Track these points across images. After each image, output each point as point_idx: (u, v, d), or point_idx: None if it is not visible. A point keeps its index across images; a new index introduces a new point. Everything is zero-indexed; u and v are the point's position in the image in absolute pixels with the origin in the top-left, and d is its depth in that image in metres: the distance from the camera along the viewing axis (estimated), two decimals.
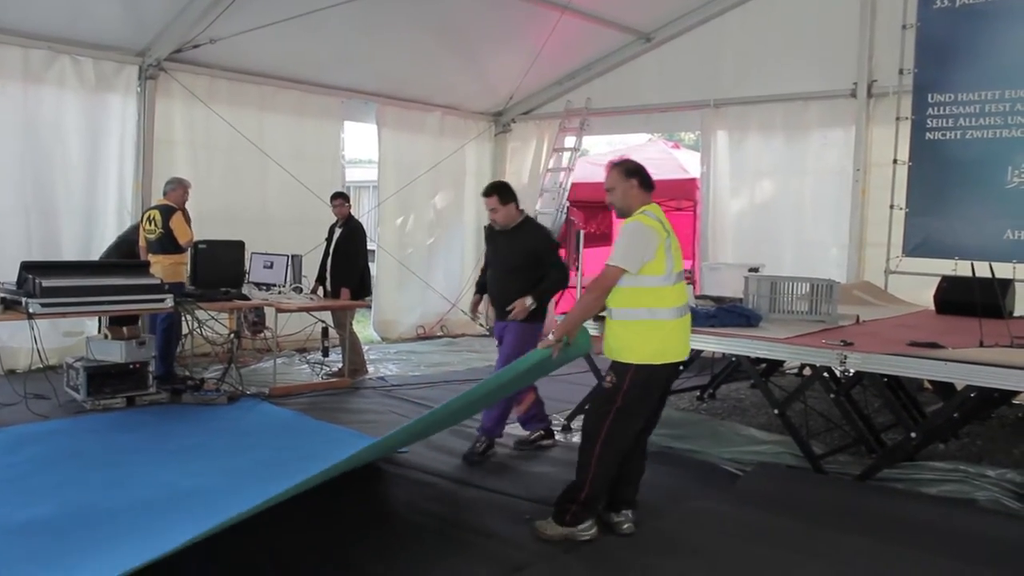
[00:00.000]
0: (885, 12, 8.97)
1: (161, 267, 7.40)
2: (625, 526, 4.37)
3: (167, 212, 7.60)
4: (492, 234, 5.86)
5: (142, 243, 7.76)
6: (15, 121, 8.09)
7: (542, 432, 6.11)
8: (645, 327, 4.13)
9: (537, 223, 5.97)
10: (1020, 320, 7.07)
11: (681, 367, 4.56)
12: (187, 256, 7.77)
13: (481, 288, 6.01)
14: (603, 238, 14.49)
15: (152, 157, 8.88)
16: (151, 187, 8.63)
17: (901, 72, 8.74)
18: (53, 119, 8.33)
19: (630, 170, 4.28)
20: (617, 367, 4.18)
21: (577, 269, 10.93)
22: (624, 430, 4.19)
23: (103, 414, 6.64)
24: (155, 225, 7.60)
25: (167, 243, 7.57)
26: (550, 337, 4.28)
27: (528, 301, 5.48)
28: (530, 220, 5.89)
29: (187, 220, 7.71)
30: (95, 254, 8.24)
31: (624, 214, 4.26)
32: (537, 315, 5.69)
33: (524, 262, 5.59)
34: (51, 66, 8.23)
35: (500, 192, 5.69)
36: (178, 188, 7.74)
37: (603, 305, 4.25)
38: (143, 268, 7.09)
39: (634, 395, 4.15)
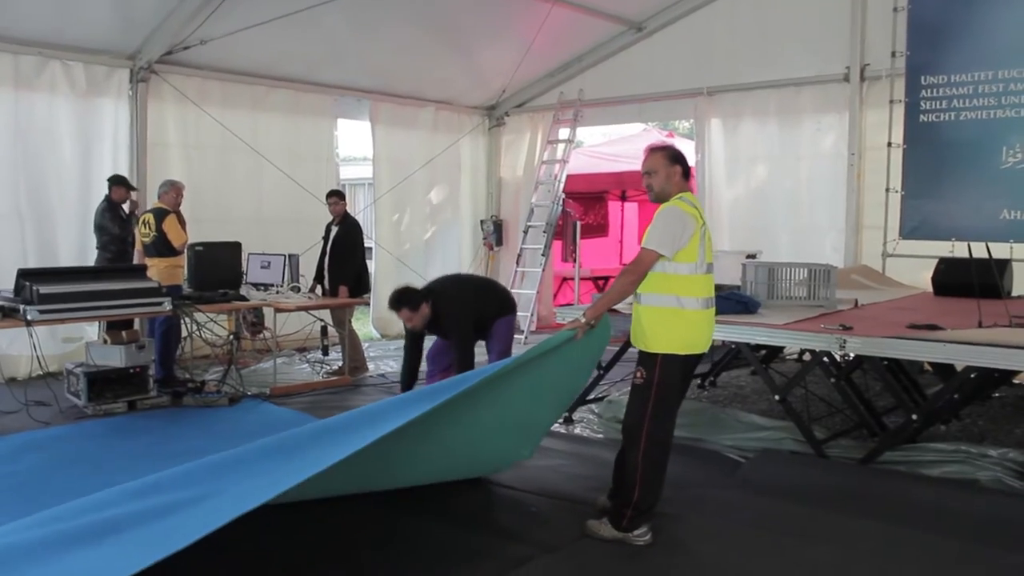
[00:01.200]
0: None
1: (157, 270, 7.41)
2: (646, 537, 4.23)
3: (160, 215, 7.61)
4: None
5: (138, 246, 7.77)
6: (7, 128, 8.06)
7: None
8: (673, 315, 4.07)
9: (444, 306, 5.89)
10: (1018, 300, 7.09)
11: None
12: (183, 259, 7.77)
13: (406, 387, 5.98)
14: (599, 229, 14.52)
15: (146, 160, 8.87)
16: (146, 190, 8.61)
17: (893, 55, 8.73)
18: (45, 125, 8.30)
19: (675, 156, 4.22)
20: (645, 359, 4.13)
21: (575, 261, 10.93)
22: (663, 423, 4.13)
23: (105, 419, 6.63)
24: (149, 228, 7.61)
25: (161, 246, 7.59)
26: (580, 318, 4.19)
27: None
28: (438, 304, 5.86)
29: (181, 222, 7.71)
30: (91, 259, 8.23)
31: (661, 199, 4.18)
32: (498, 313, 5.85)
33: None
34: (42, 72, 8.20)
35: (406, 302, 5.80)
36: (171, 191, 7.76)
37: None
38: (140, 272, 7.08)
39: (667, 385, 4.09)
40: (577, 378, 5.11)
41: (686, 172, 4.24)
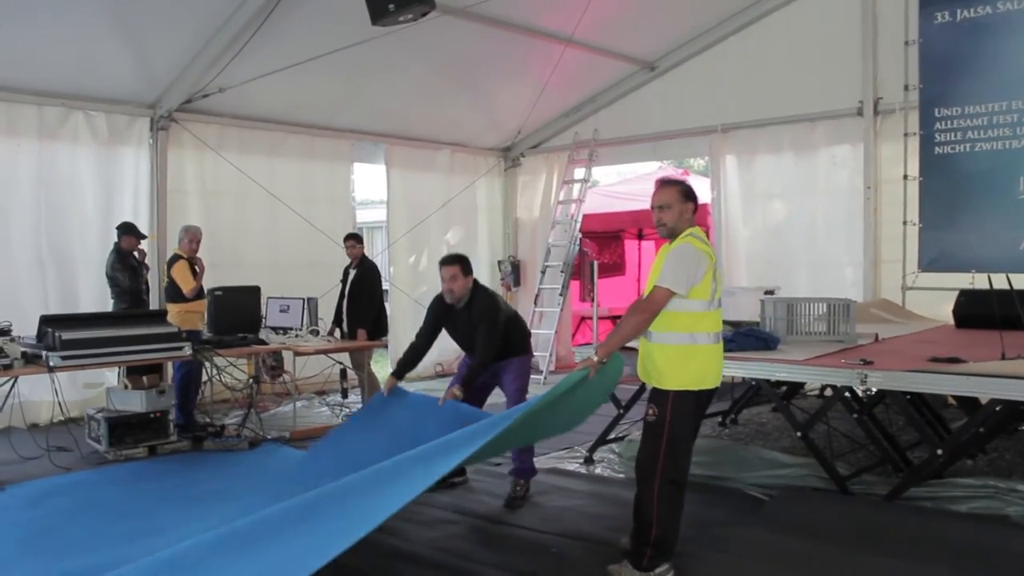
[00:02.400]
0: (887, 29, 9.02)
1: (172, 316, 7.47)
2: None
3: (171, 262, 7.76)
4: (445, 311, 5.68)
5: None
6: (31, 177, 8.21)
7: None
8: (685, 352, 4.07)
9: (483, 291, 5.69)
10: None
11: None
12: (202, 304, 7.82)
13: (401, 371, 5.73)
14: (616, 268, 14.51)
15: (166, 207, 8.99)
16: (166, 237, 8.73)
17: (906, 88, 8.76)
18: (68, 174, 8.45)
19: (688, 192, 4.22)
20: (657, 396, 4.12)
21: (593, 300, 10.92)
22: (677, 461, 4.10)
23: (126, 464, 6.65)
24: (163, 275, 7.72)
25: (173, 292, 7.70)
26: (593, 357, 4.16)
27: (458, 393, 5.30)
28: (478, 289, 5.66)
29: (197, 268, 7.78)
30: (111, 306, 8.29)
31: (673, 235, 4.19)
32: (516, 350, 5.62)
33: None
34: (65, 122, 8.37)
35: (460, 262, 5.58)
36: (184, 237, 7.87)
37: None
38: (161, 317, 7.13)
39: (679, 423, 4.07)
40: (586, 410, 5.10)
41: (696, 209, 4.26)
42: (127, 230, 8.11)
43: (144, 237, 8.35)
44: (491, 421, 4.44)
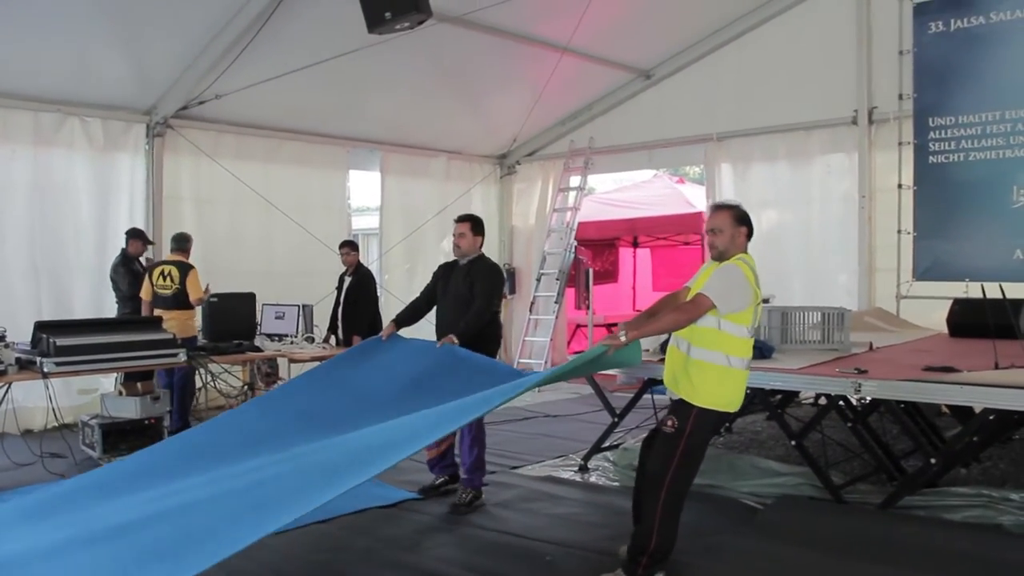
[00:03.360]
0: (881, 39, 9.06)
1: (178, 322, 7.52)
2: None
3: (185, 269, 7.77)
4: (446, 270, 5.81)
5: (147, 297, 7.81)
6: (26, 183, 8.21)
7: (447, 478, 5.88)
8: (722, 373, 4.10)
9: (490, 260, 5.84)
10: None
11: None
12: (197, 311, 7.85)
13: (400, 321, 5.74)
14: (608, 275, 14.54)
15: (162, 214, 8.98)
16: (161, 243, 8.71)
17: (901, 97, 8.79)
18: (63, 180, 8.45)
19: (741, 217, 4.27)
20: (680, 409, 4.12)
21: (588, 307, 10.93)
22: (687, 475, 4.14)
23: None
24: (172, 281, 7.72)
25: (183, 299, 7.71)
26: (621, 336, 4.12)
27: (454, 339, 5.30)
28: (485, 256, 5.81)
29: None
30: (107, 312, 8.30)
31: (723, 258, 4.21)
32: (484, 354, 5.51)
33: (471, 294, 5.56)
34: (60, 128, 8.36)
35: (474, 221, 5.75)
36: (189, 244, 7.94)
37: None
38: (156, 323, 7.12)
39: (697, 439, 4.11)
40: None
41: (751, 232, 4.29)
42: (135, 235, 8.15)
43: (152, 243, 8.37)
44: (501, 389, 4.37)
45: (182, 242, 8.02)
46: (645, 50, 10.65)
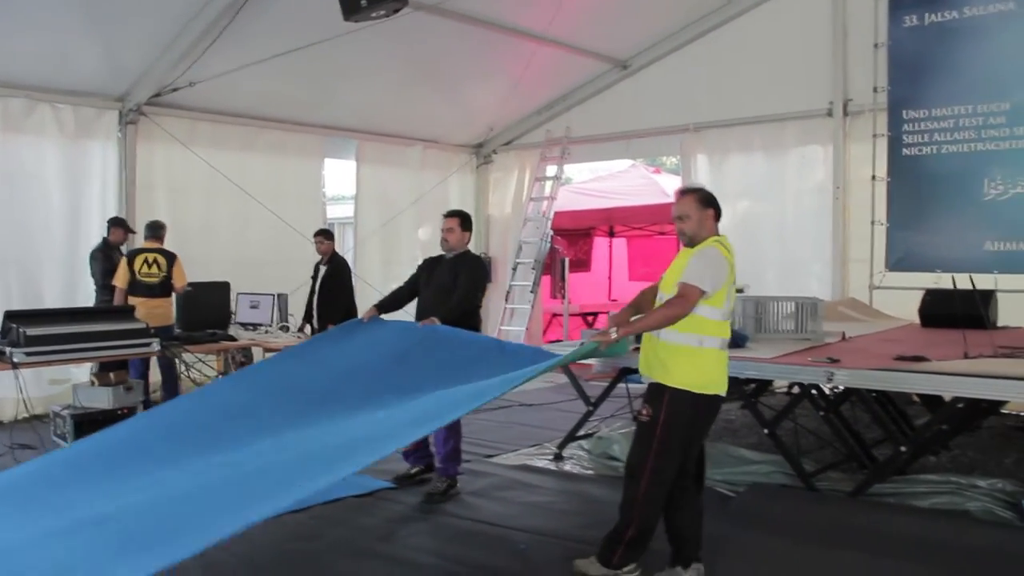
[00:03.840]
0: (856, 31, 9.11)
1: (163, 310, 7.61)
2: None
3: (171, 257, 7.79)
4: (432, 263, 5.84)
5: (123, 284, 7.73)
6: None
7: (422, 468, 5.91)
8: (693, 354, 4.00)
9: (477, 255, 5.89)
10: (1003, 330, 7.13)
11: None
12: (172, 299, 7.86)
13: (382, 307, 5.73)
14: (581, 264, 14.58)
15: (134, 202, 8.89)
16: (134, 232, 8.62)
17: (875, 90, 8.84)
18: (34, 168, 8.33)
19: (707, 199, 4.16)
20: (653, 394, 4.05)
21: (563, 296, 10.96)
22: (668, 463, 4.01)
23: None
24: (159, 269, 7.72)
25: (168, 287, 7.76)
26: (612, 334, 4.03)
27: (436, 321, 5.29)
28: (471, 252, 5.86)
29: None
30: (78, 301, 8.22)
31: (694, 244, 4.10)
32: None
33: (455, 285, 5.57)
34: (30, 114, 8.23)
35: (463, 217, 5.78)
36: (164, 232, 7.93)
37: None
38: (128, 313, 7.06)
39: (673, 423, 3.98)
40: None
41: (719, 214, 4.18)
42: (117, 223, 8.11)
43: (133, 232, 8.29)
44: (494, 382, 4.31)
45: (157, 230, 7.96)
46: (622, 40, 10.65)
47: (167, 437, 4.38)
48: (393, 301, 5.85)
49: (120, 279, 7.73)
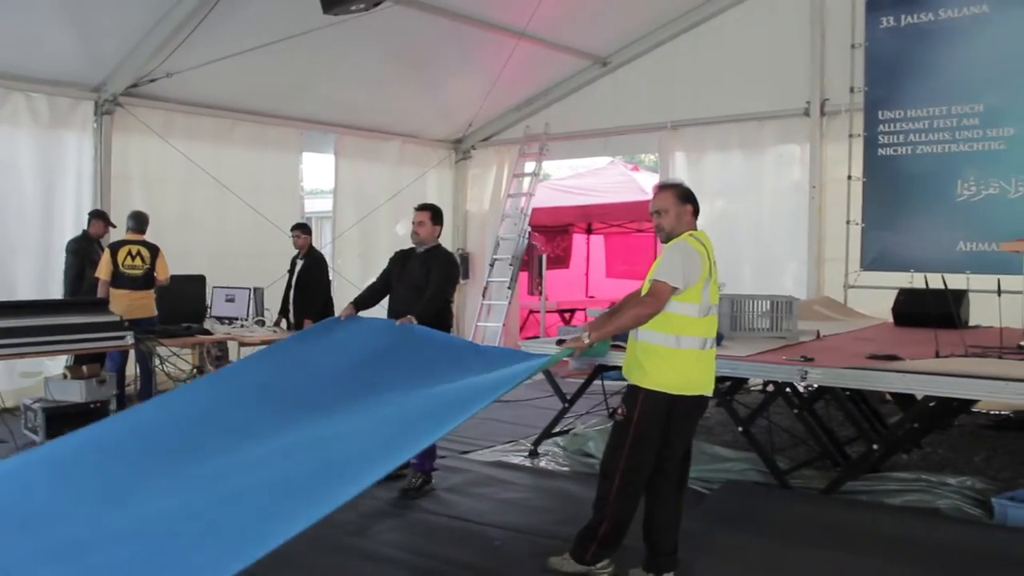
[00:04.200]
0: (834, 32, 9.18)
1: (147, 302, 7.60)
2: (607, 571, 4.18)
3: (155, 250, 7.74)
4: (403, 257, 5.81)
5: (105, 276, 7.65)
6: None
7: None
8: (669, 354, 3.96)
9: (448, 251, 5.89)
10: (974, 330, 7.21)
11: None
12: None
13: (358, 303, 5.68)
14: (559, 261, 14.61)
15: (110, 193, 8.80)
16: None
17: (852, 90, 8.92)
18: (7, 157, 8.23)
19: (685, 194, 4.14)
20: (629, 395, 4.04)
21: (541, 293, 10.96)
22: (641, 462, 4.01)
23: None
24: (143, 261, 7.66)
25: (152, 279, 7.71)
26: (584, 339, 4.03)
27: (412, 319, 5.25)
28: (442, 246, 5.83)
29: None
30: (52, 293, 8.13)
31: (671, 238, 4.09)
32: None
33: (427, 281, 5.55)
34: (3, 104, 8.14)
35: (434, 210, 5.75)
36: (146, 224, 7.88)
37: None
38: (101, 305, 7.00)
39: (647, 422, 3.97)
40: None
41: (697, 209, 4.16)
42: (97, 215, 8.07)
43: (114, 225, 8.21)
44: (467, 394, 4.29)
45: (141, 222, 7.87)
46: (601, 37, 10.67)
47: (141, 448, 4.29)
48: (369, 297, 5.83)
49: (103, 271, 7.66)
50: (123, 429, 4.62)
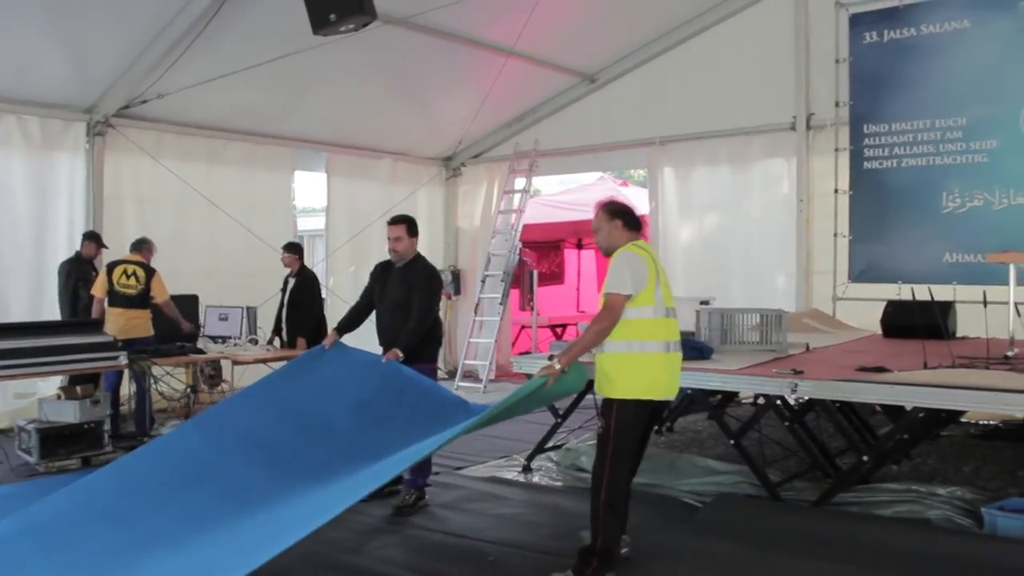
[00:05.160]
0: (819, 47, 9.27)
1: (142, 320, 7.66)
2: (623, 550, 4.38)
3: (150, 271, 7.81)
4: (382, 271, 5.80)
5: (100, 294, 7.68)
6: None
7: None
8: (635, 360, 4.12)
9: (425, 260, 5.84)
10: (962, 340, 7.27)
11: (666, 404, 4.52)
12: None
13: (342, 328, 5.73)
14: (554, 277, 14.66)
15: (102, 214, 8.83)
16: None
17: (837, 104, 9.01)
18: None
19: (613, 210, 4.34)
20: (605, 407, 4.18)
21: (532, 308, 11.01)
22: (621, 472, 4.17)
23: (58, 476, 6.49)
24: (137, 281, 7.72)
25: (147, 299, 7.76)
26: (555, 365, 4.18)
27: (399, 353, 5.31)
28: (421, 258, 5.81)
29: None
30: (45, 314, 8.15)
31: (610, 253, 4.28)
32: (425, 354, 5.58)
33: (409, 299, 5.55)
34: None
35: (409, 222, 5.74)
36: (149, 249, 8.02)
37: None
38: (95, 325, 7.02)
39: (623, 433, 4.13)
40: (530, 409, 5.19)
41: (630, 222, 4.32)
42: (91, 237, 8.13)
43: (106, 247, 8.23)
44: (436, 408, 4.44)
45: (140, 245, 8.00)
46: (590, 54, 10.75)
47: (134, 500, 4.35)
48: (352, 320, 5.81)
49: (98, 288, 7.69)
50: (113, 487, 4.66)
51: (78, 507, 4.41)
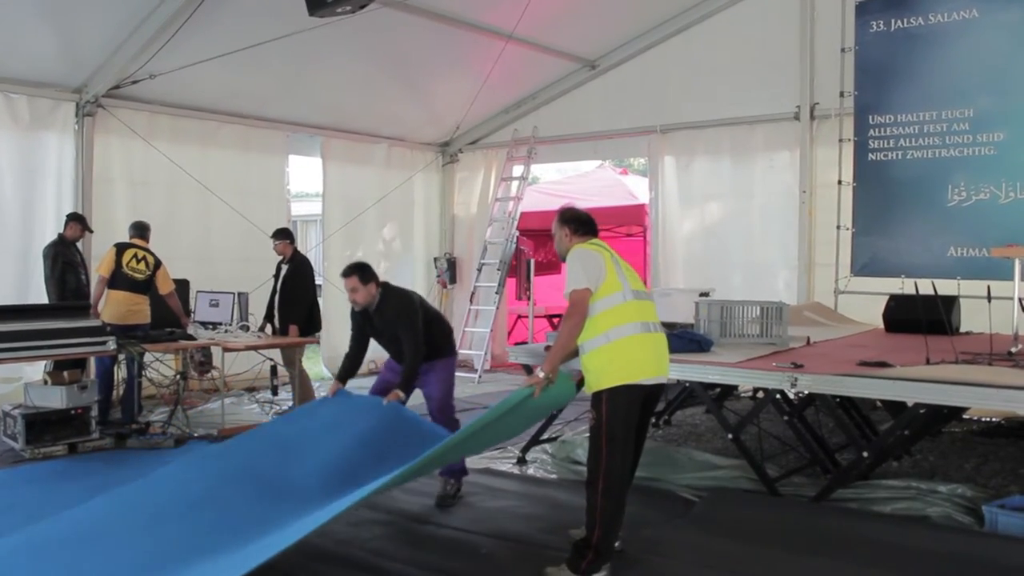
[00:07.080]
0: (824, 36, 9.15)
1: (144, 306, 7.63)
2: (616, 544, 4.31)
3: (159, 262, 7.78)
4: (363, 315, 5.53)
5: (106, 273, 7.57)
6: None
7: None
8: (615, 349, 4.13)
9: (394, 292, 5.55)
10: (965, 336, 7.18)
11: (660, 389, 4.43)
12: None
13: (342, 377, 5.53)
14: (552, 266, 14.52)
15: (91, 196, 8.69)
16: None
17: (842, 95, 8.88)
18: None
19: (563, 218, 4.50)
20: (594, 400, 4.17)
21: (529, 298, 10.90)
22: (616, 462, 4.12)
23: (44, 463, 6.42)
24: (147, 267, 7.67)
25: (152, 285, 7.72)
26: (539, 374, 4.22)
27: (401, 395, 5.18)
28: (389, 295, 5.50)
29: None
30: (32, 296, 8.02)
31: (564, 258, 4.40)
32: (440, 352, 5.51)
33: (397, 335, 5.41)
34: None
35: (359, 271, 5.39)
36: (149, 233, 7.95)
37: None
38: (83, 310, 6.91)
39: (613, 421, 4.10)
40: (527, 423, 5.11)
41: (579, 229, 4.44)
42: (75, 219, 7.99)
43: (91, 231, 8.10)
44: (426, 445, 4.47)
45: (143, 230, 7.90)
46: (591, 40, 10.62)
47: (131, 532, 4.26)
48: (350, 367, 5.59)
49: (104, 267, 7.58)
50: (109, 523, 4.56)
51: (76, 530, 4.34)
